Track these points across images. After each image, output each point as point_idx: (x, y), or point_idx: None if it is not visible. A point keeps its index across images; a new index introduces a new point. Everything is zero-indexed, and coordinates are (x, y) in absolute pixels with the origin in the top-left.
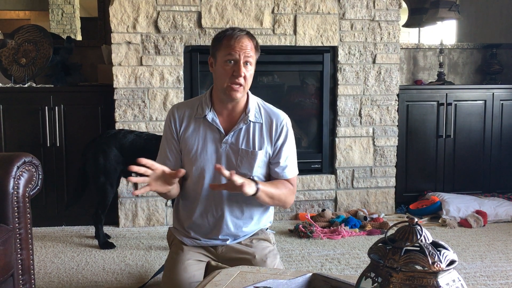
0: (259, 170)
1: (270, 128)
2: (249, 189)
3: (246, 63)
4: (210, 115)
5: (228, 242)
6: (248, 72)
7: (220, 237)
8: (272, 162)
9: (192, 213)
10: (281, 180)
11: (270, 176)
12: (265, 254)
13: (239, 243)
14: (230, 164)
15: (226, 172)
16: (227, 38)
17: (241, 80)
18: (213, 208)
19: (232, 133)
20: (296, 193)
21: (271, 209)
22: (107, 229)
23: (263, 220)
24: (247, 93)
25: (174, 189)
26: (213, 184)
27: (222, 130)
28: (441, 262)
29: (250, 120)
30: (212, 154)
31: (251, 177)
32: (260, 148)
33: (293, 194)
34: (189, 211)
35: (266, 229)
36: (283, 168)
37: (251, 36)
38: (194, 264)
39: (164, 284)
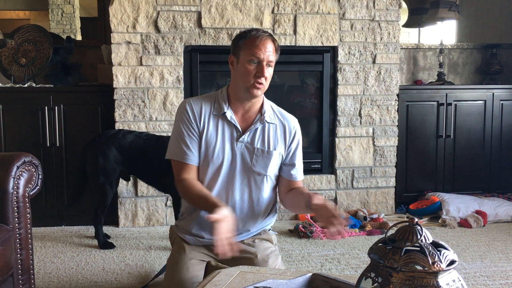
0: (272, 170)
1: (284, 131)
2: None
3: (268, 64)
4: (229, 113)
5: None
6: (269, 73)
7: None
8: (287, 164)
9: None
10: (300, 188)
11: (280, 177)
12: (267, 254)
13: (242, 242)
14: (244, 163)
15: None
16: (252, 38)
17: (263, 80)
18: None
19: (248, 133)
20: None
21: (276, 210)
22: (106, 229)
23: (268, 219)
24: (263, 95)
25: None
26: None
27: (240, 128)
28: (441, 262)
29: (266, 121)
30: (228, 152)
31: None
32: (275, 149)
33: None
34: None
35: (269, 230)
36: (297, 170)
37: (273, 39)
38: (196, 264)
39: (166, 284)
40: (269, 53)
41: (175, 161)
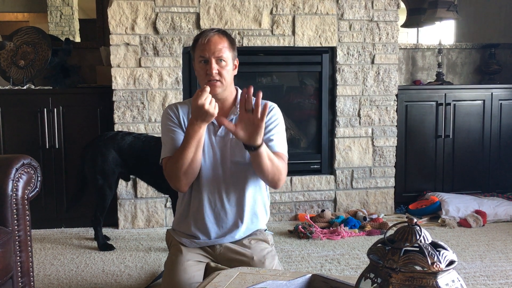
0: None
1: None
2: (259, 138)
3: (219, 60)
4: None
5: (226, 240)
6: (224, 68)
7: (219, 231)
8: (264, 140)
9: (193, 206)
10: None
11: None
12: (263, 255)
13: (237, 243)
14: (223, 154)
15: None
16: (199, 40)
17: (216, 76)
18: (214, 199)
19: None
20: (295, 193)
21: (267, 206)
22: (106, 231)
23: (260, 216)
24: (236, 89)
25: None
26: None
27: (216, 122)
28: (440, 263)
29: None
30: (208, 147)
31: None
32: None
33: (285, 172)
34: (190, 205)
35: (265, 230)
36: (269, 139)
37: (223, 34)
38: (193, 265)
39: (164, 286)
40: (216, 49)
41: (167, 157)
